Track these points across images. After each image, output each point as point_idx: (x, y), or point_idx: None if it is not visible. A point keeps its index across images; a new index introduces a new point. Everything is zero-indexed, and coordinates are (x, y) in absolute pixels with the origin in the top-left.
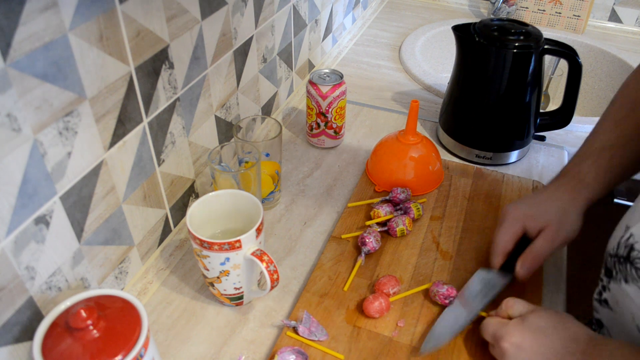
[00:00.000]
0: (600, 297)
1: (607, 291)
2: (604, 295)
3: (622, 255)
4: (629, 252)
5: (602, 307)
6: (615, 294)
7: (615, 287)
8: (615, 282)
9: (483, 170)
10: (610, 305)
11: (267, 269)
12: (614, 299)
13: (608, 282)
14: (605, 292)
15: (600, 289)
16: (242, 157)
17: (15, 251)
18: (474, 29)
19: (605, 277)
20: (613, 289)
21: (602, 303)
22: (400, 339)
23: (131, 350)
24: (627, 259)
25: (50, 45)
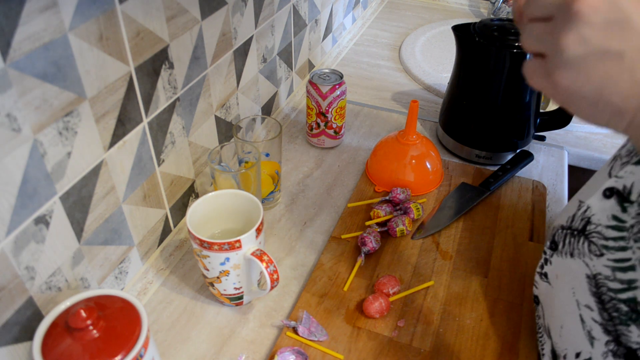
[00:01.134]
0: (541, 270)
1: (549, 264)
2: (545, 268)
3: (576, 227)
4: (584, 225)
5: (542, 280)
6: (556, 268)
7: (559, 260)
8: (559, 255)
9: (483, 170)
10: (549, 279)
11: (267, 269)
12: (553, 273)
13: (551, 256)
14: (546, 266)
15: (542, 262)
16: (242, 157)
17: (15, 251)
18: (474, 29)
19: (549, 249)
20: (555, 262)
21: (543, 276)
22: (400, 339)
23: (131, 350)
24: (582, 232)
25: (50, 45)
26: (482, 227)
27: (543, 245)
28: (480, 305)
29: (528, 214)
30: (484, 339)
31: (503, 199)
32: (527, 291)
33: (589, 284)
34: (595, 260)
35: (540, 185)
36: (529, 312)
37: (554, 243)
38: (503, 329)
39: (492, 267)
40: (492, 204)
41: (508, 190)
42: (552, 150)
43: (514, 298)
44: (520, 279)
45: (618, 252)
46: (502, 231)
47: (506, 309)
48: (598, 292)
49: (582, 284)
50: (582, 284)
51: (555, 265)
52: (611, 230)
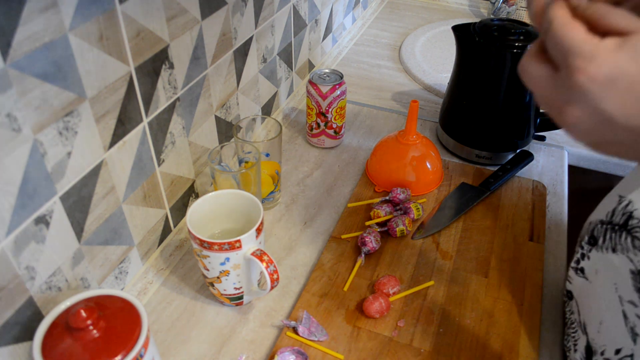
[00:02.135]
0: (577, 266)
1: (586, 259)
2: (581, 263)
3: (617, 222)
4: (626, 220)
5: (577, 276)
6: (595, 263)
7: (598, 255)
8: (599, 250)
9: (483, 170)
10: (586, 274)
11: (267, 269)
12: (592, 268)
13: (589, 250)
14: (583, 261)
15: (579, 257)
16: (242, 157)
17: (15, 251)
18: (474, 29)
19: (587, 244)
20: (594, 257)
21: (579, 272)
22: (400, 339)
23: (131, 350)
24: (623, 227)
25: (50, 45)
26: (482, 227)
27: (543, 245)
28: (480, 305)
29: (528, 214)
30: (484, 339)
31: (503, 199)
32: (527, 291)
33: (634, 279)
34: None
35: (540, 185)
36: (529, 312)
37: (592, 238)
38: (503, 329)
39: (492, 267)
40: (492, 204)
41: (508, 190)
42: (552, 150)
43: (514, 298)
44: (520, 279)
45: None
46: (502, 231)
47: (506, 309)
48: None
49: (625, 279)
50: (626, 280)
51: (595, 260)
52: None
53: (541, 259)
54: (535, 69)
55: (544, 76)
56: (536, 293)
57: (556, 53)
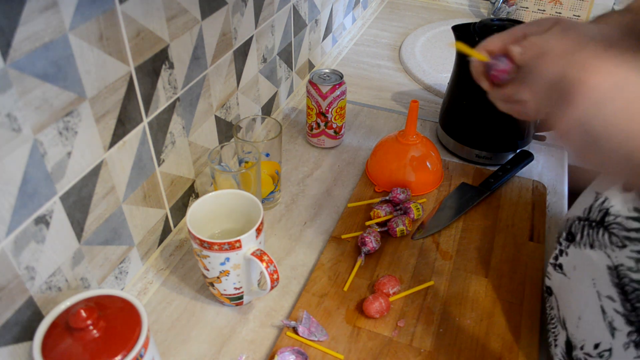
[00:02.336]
0: (555, 262)
1: (564, 255)
2: (559, 259)
3: (594, 219)
4: (603, 217)
5: (555, 272)
6: (573, 259)
7: (576, 251)
8: (576, 246)
9: (483, 170)
10: (564, 270)
11: (267, 269)
12: (570, 264)
13: (567, 247)
14: (561, 257)
15: (557, 254)
16: (242, 157)
17: (15, 251)
18: (474, 29)
19: (565, 241)
20: (572, 253)
21: (557, 268)
22: (400, 339)
23: (131, 350)
24: (600, 223)
25: (50, 45)
26: (482, 227)
27: (543, 245)
28: (480, 305)
29: (528, 214)
30: (484, 339)
31: (503, 199)
32: (527, 291)
33: (611, 275)
34: (618, 251)
35: (540, 185)
36: (529, 312)
37: (570, 234)
38: (503, 329)
39: (492, 267)
40: (492, 204)
41: (508, 190)
42: (552, 150)
43: (514, 298)
44: (520, 279)
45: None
46: (502, 231)
47: (506, 309)
48: (620, 283)
49: (603, 275)
50: (603, 275)
51: (573, 256)
52: (632, 222)
53: (541, 259)
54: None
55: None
56: (536, 293)
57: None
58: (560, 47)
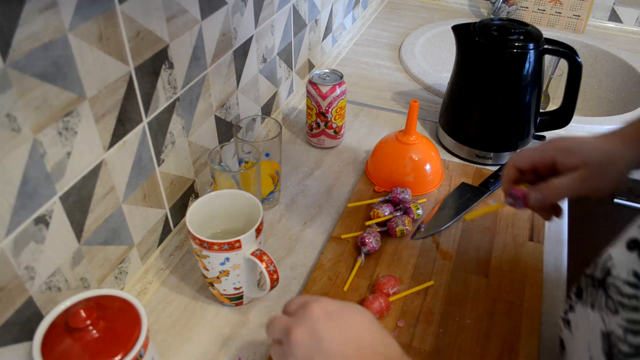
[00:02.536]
0: (565, 317)
1: (572, 312)
2: (569, 315)
3: (597, 277)
4: (604, 276)
5: (565, 327)
6: (578, 317)
7: (581, 310)
8: (582, 304)
9: (483, 170)
10: (571, 327)
11: (267, 269)
12: (575, 322)
13: (576, 303)
14: (570, 313)
15: (567, 308)
16: (242, 157)
17: (14, 251)
18: (474, 29)
19: (575, 296)
20: (578, 311)
21: (565, 323)
22: (400, 339)
23: (131, 350)
24: (601, 284)
25: (50, 45)
26: (482, 227)
27: (543, 245)
28: (480, 305)
29: (528, 214)
30: (484, 339)
31: (503, 199)
32: (527, 291)
33: (602, 341)
34: (611, 317)
35: None
36: (529, 312)
37: (579, 290)
38: (503, 329)
39: (492, 267)
40: (491, 204)
41: None
42: None
43: (514, 298)
44: (520, 279)
45: (631, 313)
46: (502, 231)
47: (506, 309)
48: (610, 353)
49: (596, 339)
50: (597, 340)
51: (578, 314)
52: (628, 287)
53: (541, 259)
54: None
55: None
56: (536, 293)
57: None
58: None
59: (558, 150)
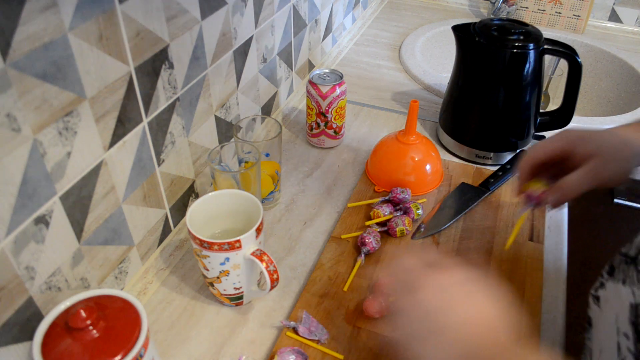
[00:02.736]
0: (595, 293)
1: (603, 288)
2: (599, 291)
3: (631, 255)
4: (637, 254)
5: (593, 303)
6: (608, 293)
7: (612, 286)
8: (613, 281)
9: (483, 170)
10: (600, 303)
11: (267, 269)
12: (605, 298)
13: (607, 280)
14: (600, 289)
15: (598, 285)
16: (242, 157)
17: (15, 251)
18: (474, 29)
19: (606, 274)
20: (609, 287)
21: (594, 299)
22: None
23: (131, 350)
24: (634, 260)
25: (50, 45)
26: (482, 227)
27: (543, 245)
28: None
29: (528, 214)
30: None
31: (503, 199)
32: (527, 291)
33: (631, 312)
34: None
35: None
36: (529, 312)
37: (611, 267)
38: None
39: (492, 267)
40: (492, 204)
41: (508, 190)
42: None
43: (514, 298)
44: (521, 279)
45: None
46: (502, 231)
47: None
48: (636, 322)
49: (624, 311)
50: (625, 312)
51: (608, 290)
52: None
53: (541, 259)
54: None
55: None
56: (536, 293)
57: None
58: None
59: (574, 140)
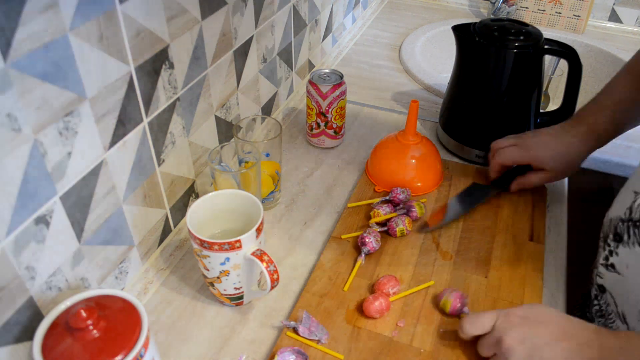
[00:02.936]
0: (607, 262)
1: (615, 255)
2: (610, 259)
3: (637, 219)
4: None
5: (608, 272)
6: (625, 258)
7: (626, 251)
8: (626, 246)
9: (483, 170)
10: (617, 269)
11: (267, 269)
12: (622, 263)
13: (616, 247)
14: (612, 257)
15: (607, 254)
16: (242, 157)
17: (15, 251)
18: (474, 29)
19: (613, 242)
20: (622, 253)
21: (609, 267)
22: (401, 339)
23: (131, 350)
24: None
25: (51, 45)
26: (482, 227)
27: (543, 245)
28: (480, 305)
29: (528, 214)
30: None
31: (503, 199)
32: (527, 291)
33: None
34: None
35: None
36: None
37: (617, 235)
38: None
39: (492, 267)
40: (492, 204)
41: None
42: None
43: (514, 298)
44: (521, 279)
45: None
46: (502, 231)
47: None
48: None
49: None
50: None
51: (624, 255)
52: None
53: (541, 259)
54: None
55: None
56: (536, 293)
57: (490, 347)
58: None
59: (530, 158)
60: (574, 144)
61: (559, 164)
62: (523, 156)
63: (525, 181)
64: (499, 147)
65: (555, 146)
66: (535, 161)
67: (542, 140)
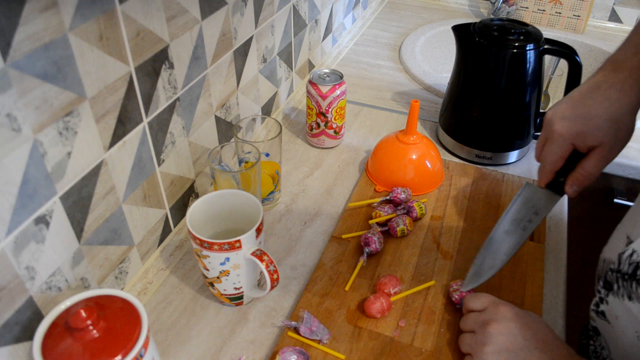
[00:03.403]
0: (597, 309)
1: (605, 304)
2: (601, 307)
3: (625, 272)
4: (634, 270)
5: (599, 318)
6: (614, 308)
7: (616, 301)
8: (615, 296)
9: (483, 170)
10: (608, 318)
11: (267, 269)
12: (612, 314)
13: (606, 295)
14: (602, 305)
15: (598, 301)
16: (242, 157)
17: (15, 251)
18: (474, 29)
19: (603, 289)
20: (612, 302)
21: (600, 315)
22: (402, 339)
23: (131, 350)
24: (632, 277)
25: (50, 46)
26: (483, 227)
27: (543, 245)
28: None
29: None
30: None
31: (503, 199)
32: (527, 291)
33: None
34: None
35: None
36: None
37: (607, 283)
38: None
39: None
40: (492, 204)
41: (508, 190)
42: None
43: (514, 298)
44: (521, 279)
45: None
46: None
47: None
48: None
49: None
50: None
51: (613, 305)
52: None
53: (541, 259)
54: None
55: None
56: (536, 293)
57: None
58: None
59: (574, 139)
60: (619, 102)
61: (615, 130)
62: (567, 144)
63: (585, 170)
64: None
65: (604, 111)
66: (582, 141)
67: (587, 109)
